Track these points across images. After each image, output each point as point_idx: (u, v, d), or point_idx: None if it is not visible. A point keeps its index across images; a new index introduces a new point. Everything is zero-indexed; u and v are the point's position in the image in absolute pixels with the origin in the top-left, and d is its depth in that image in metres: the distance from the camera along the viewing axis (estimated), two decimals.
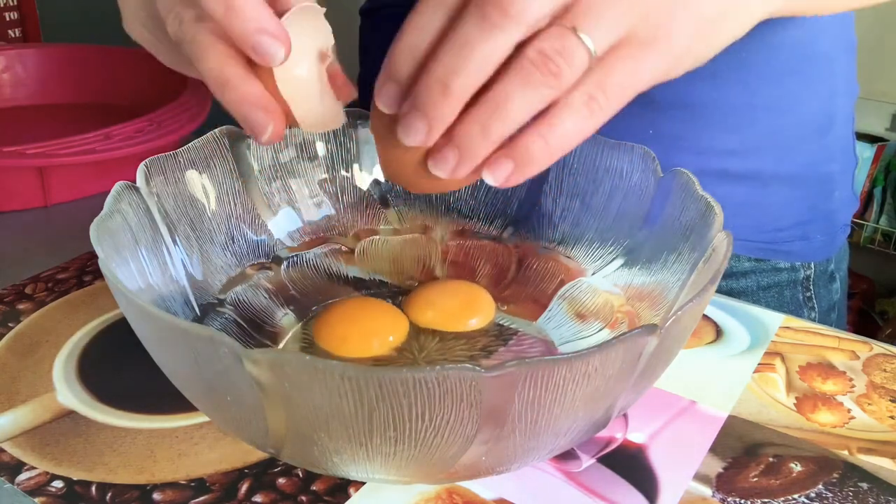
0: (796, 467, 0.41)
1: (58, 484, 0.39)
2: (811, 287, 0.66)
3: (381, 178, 0.56)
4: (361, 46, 0.70)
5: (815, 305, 0.67)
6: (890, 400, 0.47)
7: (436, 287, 0.51)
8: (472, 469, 0.35)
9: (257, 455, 0.41)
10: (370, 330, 0.47)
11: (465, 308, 0.50)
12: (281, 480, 0.39)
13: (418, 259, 0.55)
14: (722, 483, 0.40)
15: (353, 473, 0.35)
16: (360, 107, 0.72)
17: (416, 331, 0.48)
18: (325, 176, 0.55)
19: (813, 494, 0.40)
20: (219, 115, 0.49)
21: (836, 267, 0.69)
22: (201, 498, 0.38)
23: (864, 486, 0.40)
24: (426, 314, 0.49)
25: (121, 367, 0.47)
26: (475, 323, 0.49)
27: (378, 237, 0.55)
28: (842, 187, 0.66)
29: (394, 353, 0.46)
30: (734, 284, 0.64)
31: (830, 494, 0.40)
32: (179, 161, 0.47)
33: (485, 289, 0.51)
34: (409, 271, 0.54)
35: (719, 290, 0.59)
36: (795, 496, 0.40)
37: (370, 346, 0.46)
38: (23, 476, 0.39)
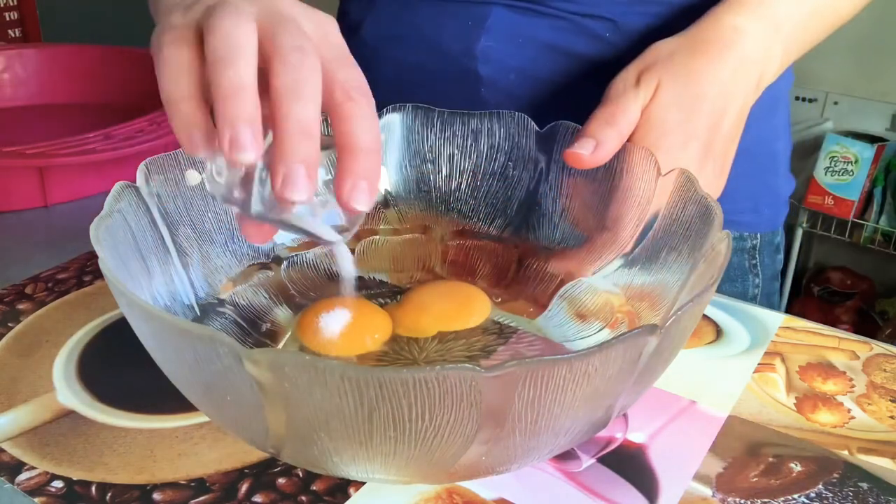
0: (796, 467, 0.41)
1: (58, 484, 0.39)
2: (756, 255, 0.71)
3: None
4: (346, 21, 0.71)
5: (760, 272, 0.71)
6: (890, 400, 0.47)
7: (425, 291, 0.51)
8: (472, 469, 0.35)
9: (257, 455, 0.41)
10: (356, 327, 0.47)
11: (459, 308, 0.50)
12: (281, 480, 0.39)
13: (418, 259, 0.55)
14: (722, 483, 0.40)
15: (353, 473, 0.35)
16: None
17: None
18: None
19: (813, 494, 0.40)
20: None
21: (781, 239, 0.74)
22: (201, 498, 0.38)
23: (864, 486, 0.40)
24: (420, 321, 0.48)
25: (121, 367, 0.47)
26: (473, 320, 0.49)
27: (378, 237, 0.55)
28: (784, 165, 0.71)
29: (391, 352, 0.46)
30: None
31: (830, 494, 0.40)
32: (179, 161, 0.47)
33: (476, 287, 0.51)
34: (409, 271, 0.54)
35: None
36: (795, 496, 0.40)
37: (361, 343, 0.46)
38: (23, 476, 0.39)
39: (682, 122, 0.48)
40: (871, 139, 1.77)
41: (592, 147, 0.47)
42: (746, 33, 0.50)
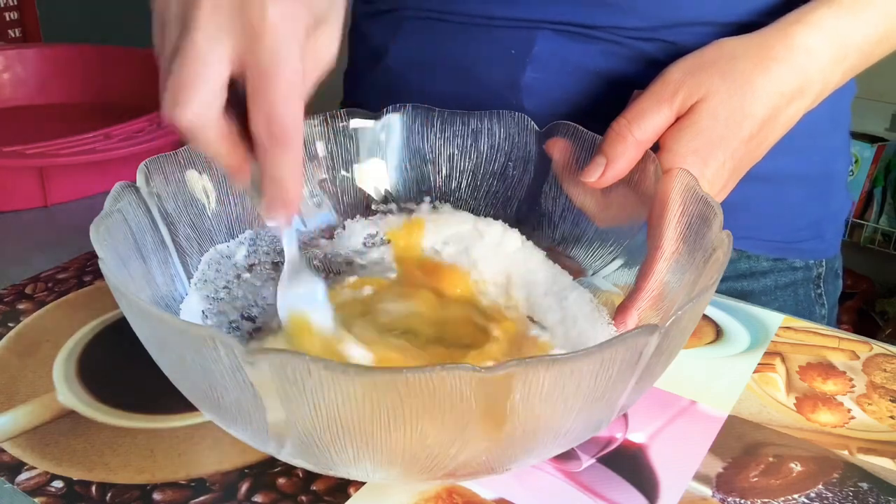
0: (796, 467, 0.41)
1: (58, 484, 0.39)
2: (821, 284, 0.67)
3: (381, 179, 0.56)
4: (366, 45, 0.68)
5: (825, 302, 0.68)
6: (890, 400, 0.47)
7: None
8: (471, 469, 0.35)
9: (257, 455, 0.41)
10: None
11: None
12: (281, 480, 0.39)
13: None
14: (722, 483, 0.40)
15: (353, 473, 0.35)
16: (347, 99, 0.72)
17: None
18: (325, 176, 0.55)
19: (813, 494, 0.40)
20: None
21: (839, 264, 0.71)
22: (201, 498, 0.38)
23: (864, 486, 0.40)
24: None
25: (121, 367, 0.47)
26: None
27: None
28: (843, 184, 0.68)
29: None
30: (755, 284, 0.64)
31: (830, 494, 0.40)
32: (179, 161, 0.47)
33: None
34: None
35: (738, 292, 0.59)
36: (795, 496, 0.40)
37: None
38: (23, 476, 0.39)
39: (722, 136, 0.46)
40: (871, 139, 1.77)
41: (600, 171, 0.46)
42: (815, 58, 0.48)
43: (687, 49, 0.50)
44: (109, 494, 0.39)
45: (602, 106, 0.58)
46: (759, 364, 0.49)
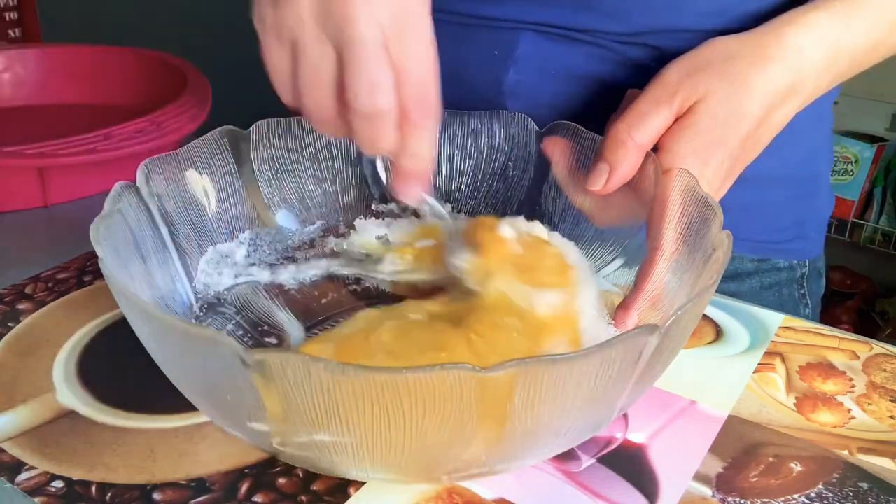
0: (796, 467, 0.41)
1: (58, 484, 0.39)
2: (805, 284, 0.68)
3: (382, 178, 0.56)
4: None
5: (809, 302, 0.69)
6: (890, 400, 0.47)
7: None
8: (471, 469, 0.35)
9: (257, 455, 0.41)
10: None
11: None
12: (281, 480, 0.39)
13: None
14: (722, 483, 0.40)
15: (353, 473, 0.35)
16: None
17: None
18: (325, 175, 0.55)
19: (813, 494, 0.40)
20: (219, 115, 0.49)
21: (822, 263, 0.71)
22: (201, 498, 0.38)
23: (864, 486, 0.40)
24: None
25: (121, 367, 0.47)
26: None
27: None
28: (826, 184, 0.68)
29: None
30: (740, 286, 0.64)
31: (830, 494, 0.40)
32: (179, 161, 0.47)
33: None
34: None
35: (723, 293, 0.59)
36: (795, 496, 0.40)
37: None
38: (23, 476, 0.39)
39: (721, 136, 0.46)
40: (871, 139, 1.77)
41: (605, 179, 0.46)
42: (807, 58, 0.48)
43: (671, 54, 0.50)
44: (109, 494, 0.39)
45: (586, 109, 0.58)
46: (759, 364, 0.49)
